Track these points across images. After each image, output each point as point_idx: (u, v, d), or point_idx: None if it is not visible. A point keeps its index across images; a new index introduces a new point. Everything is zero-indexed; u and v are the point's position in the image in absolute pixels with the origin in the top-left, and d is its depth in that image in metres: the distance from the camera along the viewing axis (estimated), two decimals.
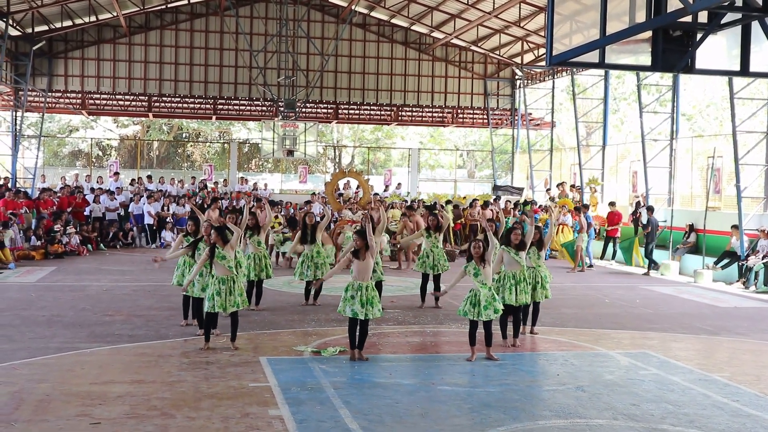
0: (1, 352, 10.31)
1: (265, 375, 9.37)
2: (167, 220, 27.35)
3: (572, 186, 28.83)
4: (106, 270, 19.95)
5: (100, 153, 48.24)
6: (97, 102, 33.45)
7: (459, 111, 35.72)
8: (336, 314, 13.54)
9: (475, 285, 10.26)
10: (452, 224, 24.87)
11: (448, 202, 26.14)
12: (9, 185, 27.24)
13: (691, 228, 23.06)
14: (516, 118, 35.30)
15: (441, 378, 9.54)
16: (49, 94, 32.25)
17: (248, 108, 34.53)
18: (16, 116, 31.27)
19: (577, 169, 29.38)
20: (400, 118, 35.69)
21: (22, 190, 26.68)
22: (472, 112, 35.91)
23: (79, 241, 24.33)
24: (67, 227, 24.30)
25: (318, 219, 15.84)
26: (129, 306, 14.44)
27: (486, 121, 35.82)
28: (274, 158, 37.20)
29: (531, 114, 34.53)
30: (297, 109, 31.79)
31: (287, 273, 19.28)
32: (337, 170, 38.13)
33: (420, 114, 35.82)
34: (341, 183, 32.31)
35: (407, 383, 9.21)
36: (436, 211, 15.70)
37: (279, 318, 13.44)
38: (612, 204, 25.38)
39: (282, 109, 31.95)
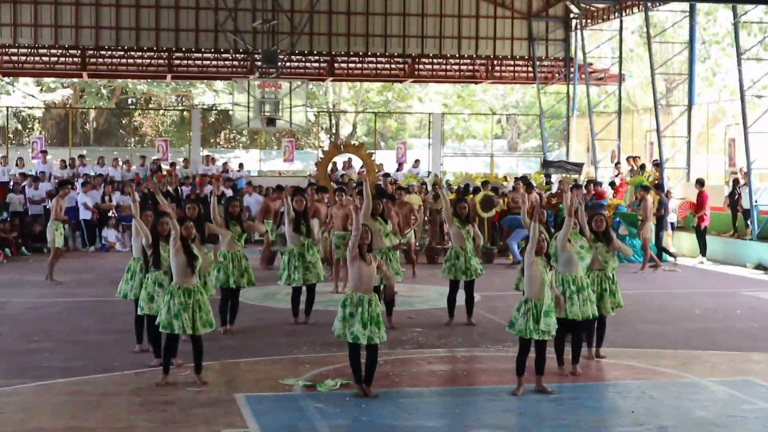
0: None
1: (243, 418, 9.36)
2: (109, 214, 27.42)
3: (654, 163, 28.64)
4: (29, 282, 20.00)
5: (20, 127, 48.41)
6: (14, 59, 33.55)
7: (495, 62, 35.63)
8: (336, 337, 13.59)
9: (533, 291, 10.23)
10: (484, 214, 24.82)
11: (485, 183, 26.10)
12: None
13: None
14: (572, 70, 35.19)
15: (476, 418, 9.50)
16: None
17: (214, 63, 34.56)
18: None
19: (654, 137, 29.30)
20: (416, 73, 35.64)
21: None
22: (512, 63, 35.81)
23: None
24: None
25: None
26: (61, 329, 14.43)
27: (531, 75, 35.73)
28: (250, 129, 37.24)
29: (592, 65, 34.44)
30: (279, 64, 31.81)
31: (270, 281, 19.26)
32: (333, 144, 38.13)
33: (443, 67, 35.77)
34: (339, 161, 32.29)
35: (432, 426, 9.19)
36: (425, 194, 15.77)
37: (260, 342, 13.40)
38: (700, 182, 25.29)
39: (259, 63, 31.95)
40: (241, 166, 33.85)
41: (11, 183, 28.17)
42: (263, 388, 10.70)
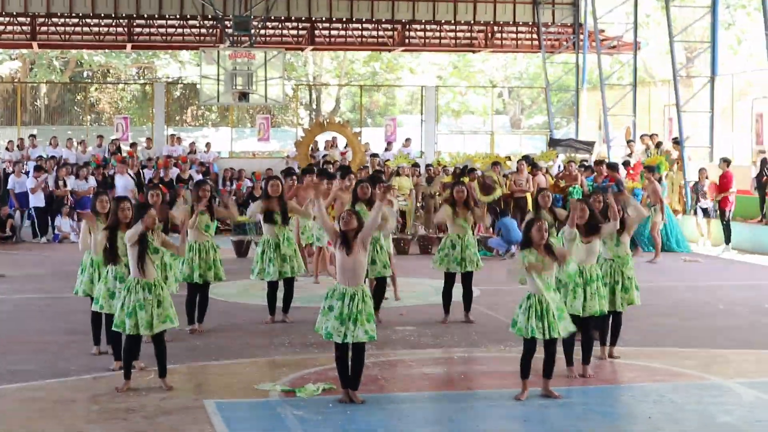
0: None
1: (213, 426, 9.36)
2: (63, 201, 27.39)
3: (674, 141, 28.70)
4: None
5: None
6: None
7: (496, 29, 35.63)
8: (318, 337, 13.50)
9: (536, 287, 10.24)
10: (485, 198, 24.82)
11: (495, 163, 26.07)
12: None
13: None
14: (581, 37, 35.21)
15: (475, 426, 9.53)
16: None
17: (179, 31, 34.51)
18: None
19: (673, 112, 29.35)
20: (407, 41, 35.62)
21: None
22: (515, 30, 35.82)
23: None
24: None
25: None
26: (9, 329, 14.41)
27: (536, 43, 35.72)
28: (220, 105, 37.20)
29: (604, 31, 34.48)
30: (253, 31, 31.76)
31: (243, 274, 19.25)
32: (315, 121, 38.14)
33: (437, 34, 35.76)
34: (321, 140, 32.32)
35: None
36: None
37: (232, 342, 13.39)
38: (726, 161, 25.36)
39: (230, 31, 31.90)
40: (208, 146, 33.82)
41: None
42: (236, 393, 10.70)
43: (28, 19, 33.19)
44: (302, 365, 11.97)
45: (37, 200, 27.12)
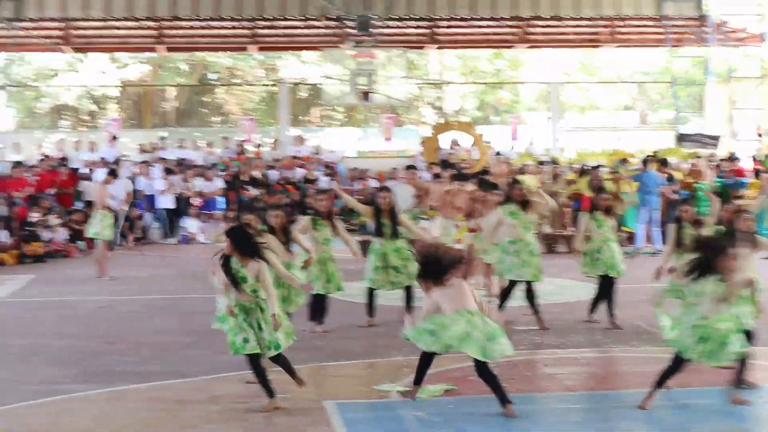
0: None
1: (332, 427, 9.37)
2: (190, 201, 27.75)
3: None
4: (104, 278, 20.37)
5: (94, 107, 49.20)
6: (86, 33, 34.13)
7: (619, 23, 35.12)
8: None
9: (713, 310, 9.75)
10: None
11: (623, 161, 25.74)
12: None
13: None
14: (707, 30, 34.51)
15: (600, 427, 9.44)
16: (17, 24, 32.99)
17: (302, 32, 34.69)
18: None
19: None
20: (530, 37, 35.32)
21: None
22: (639, 23, 35.26)
23: (67, 237, 24.88)
24: (50, 217, 24.86)
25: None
26: (136, 330, 14.69)
27: (662, 36, 35.12)
28: (344, 105, 37.32)
29: (727, 23, 33.76)
30: (374, 31, 31.80)
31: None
32: (441, 120, 38.02)
33: (560, 30, 35.38)
34: (444, 139, 32.20)
35: None
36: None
37: (353, 343, 13.44)
38: None
39: (352, 31, 31.98)
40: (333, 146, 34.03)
41: (87, 169, 28.64)
42: (356, 394, 10.70)
43: (155, 23, 33.72)
44: None
45: (166, 202, 27.58)
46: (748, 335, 10.48)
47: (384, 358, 12.50)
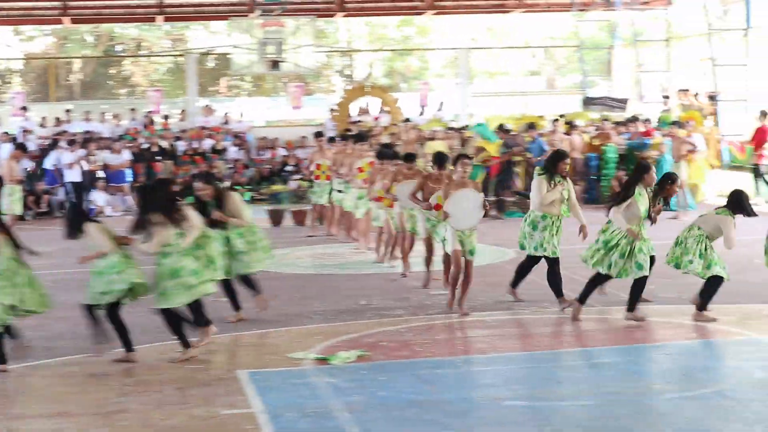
0: None
1: (246, 396, 9.42)
2: (96, 175, 27.45)
3: (709, 96, 28.47)
4: None
5: None
6: None
7: None
8: (350, 304, 13.71)
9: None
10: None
11: (531, 126, 25.90)
12: None
13: None
14: None
15: (510, 388, 9.56)
16: None
17: (210, 1, 34.42)
18: None
19: (708, 66, 29.06)
20: (438, 4, 35.41)
21: None
22: None
23: None
24: None
25: None
26: None
27: (568, 1, 35.43)
28: (253, 74, 37.16)
29: None
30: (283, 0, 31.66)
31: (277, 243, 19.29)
32: (352, 86, 37.95)
33: None
34: (356, 106, 32.26)
35: (458, 399, 9.24)
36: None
37: (265, 312, 13.26)
38: (764, 114, 25.10)
39: (260, 0, 31.81)
40: (241, 115, 33.84)
41: None
42: (268, 363, 10.76)
43: None
44: (335, 333, 11.99)
45: (73, 175, 27.22)
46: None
47: (295, 326, 12.53)
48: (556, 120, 26.96)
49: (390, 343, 11.38)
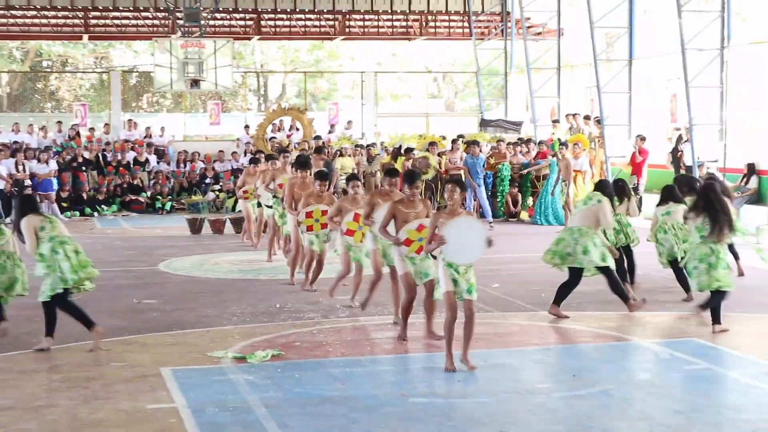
0: None
1: (169, 392, 9.38)
2: (24, 183, 27.08)
3: (588, 117, 28.96)
4: None
5: None
6: None
7: (429, 18, 35.65)
8: (267, 307, 13.62)
9: None
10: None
11: (431, 144, 26.11)
12: None
13: (751, 169, 23.31)
14: (509, 25, 35.30)
15: (413, 387, 9.63)
16: None
17: (134, 23, 34.16)
18: None
19: (594, 93, 29.52)
20: (347, 30, 35.52)
21: None
22: (447, 18, 35.85)
23: None
24: None
25: None
26: None
27: (468, 30, 35.78)
28: (174, 92, 36.93)
29: (529, 19, 34.55)
30: (202, 22, 31.52)
31: (196, 250, 19.18)
32: (270, 106, 37.75)
33: (375, 24, 35.68)
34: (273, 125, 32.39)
35: (367, 395, 9.27)
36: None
37: (186, 314, 13.35)
38: (641, 138, 25.61)
39: (181, 22, 31.64)
40: (163, 130, 33.61)
41: None
42: (190, 361, 10.69)
43: None
44: (252, 334, 11.97)
45: None
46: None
47: (215, 327, 12.48)
48: (456, 140, 27.16)
49: (303, 344, 11.40)
